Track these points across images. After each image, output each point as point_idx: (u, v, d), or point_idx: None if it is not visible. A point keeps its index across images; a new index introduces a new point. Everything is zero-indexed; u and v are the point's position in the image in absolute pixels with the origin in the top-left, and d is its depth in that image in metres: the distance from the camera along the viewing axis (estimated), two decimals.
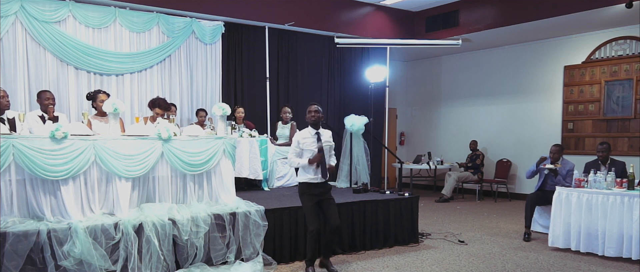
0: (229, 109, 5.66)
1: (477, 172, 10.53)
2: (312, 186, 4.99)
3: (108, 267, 4.41)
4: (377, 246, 6.18)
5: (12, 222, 4.27)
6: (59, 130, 4.48)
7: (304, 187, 5.02)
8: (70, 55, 7.28)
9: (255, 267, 5.00)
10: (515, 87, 10.58)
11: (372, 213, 6.18)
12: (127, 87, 7.82)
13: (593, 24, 8.75)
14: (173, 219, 4.77)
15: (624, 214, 5.61)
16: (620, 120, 8.93)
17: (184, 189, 5.26)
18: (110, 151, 4.74)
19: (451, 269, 5.30)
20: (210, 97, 8.55)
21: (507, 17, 9.03)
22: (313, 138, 4.99)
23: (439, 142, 12.21)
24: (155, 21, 7.94)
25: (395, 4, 9.93)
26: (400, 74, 12.55)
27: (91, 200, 4.72)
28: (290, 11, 8.96)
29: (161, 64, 8.12)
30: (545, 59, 10.06)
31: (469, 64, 11.48)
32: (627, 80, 8.84)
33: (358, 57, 10.47)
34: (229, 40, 8.80)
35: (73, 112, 7.36)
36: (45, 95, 5.87)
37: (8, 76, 6.84)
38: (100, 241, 4.40)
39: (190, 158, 5.18)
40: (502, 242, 6.58)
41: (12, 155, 4.30)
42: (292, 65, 9.63)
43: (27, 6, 6.93)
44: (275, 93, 9.40)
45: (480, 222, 8.00)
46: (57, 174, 4.46)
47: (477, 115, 11.39)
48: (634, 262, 5.55)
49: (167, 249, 4.68)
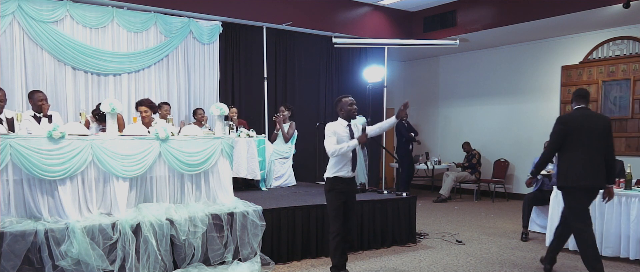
0: (227, 109, 5.65)
1: (474, 172, 10.54)
2: (341, 181, 4.63)
3: (105, 267, 4.40)
4: (375, 246, 6.18)
5: (9, 222, 4.26)
6: (56, 130, 4.47)
7: (333, 183, 4.65)
8: (67, 55, 7.27)
9: (253, 267, 5.00)
10: (513, 87, 10.60)
11: (370, 213, 6.18)
12: (124, 87, 7.81)
13: (590, 24, 8.77)
14: (171, 219, 4.77)
15: (622, 214, 5.62)
16: (617, 121, 8.94)
17: (182, 189, 5.26)
18: (108, 150, 4.73)
19: (449, 269, 5.31)
20: (207, 97, 8.55)
21: (505, 17, 9.04)
22: (345, 129, 4.71)
23: (436, 142, 12.23)
24: (153, 21, 7.93)
25: (393, 4, 9.94)
26: (398, 74, 12.56)
27: (89, 200, 4.72)
28: (288, 11, 8.95)
29: (159, 63, 8.12)
30: (542, 59, 10.08)
31: (466, 64, 11.50)
32: (625, 81, 8.86)
33: (356, 57, 10.47)
34: (226, 40, 8.80)
35: (70, 112, 7.34)
36: (38, 96, 5.87)
37: (5, 76, 6.83)
38: (97, 241, 4.39)
39: (187, 158, 5.17)
40: (499, 242, 6.58)
41: (9, 155, 4.28)
42: (289, 65, 9.63)
43: (24, 6, 6.92)
44: (273, 93, 9.40)
45: (478, 222, 8.00)
46: (54, 174, 4.45)
47: (474, 116, 11.40)
48: (631, 262, 5.56)
49: (164, 249, 4.67)
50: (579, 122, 4.73)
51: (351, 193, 4.75)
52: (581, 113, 4.80)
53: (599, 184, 4.75)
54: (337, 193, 4.63)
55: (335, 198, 4.63)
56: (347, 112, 4.72)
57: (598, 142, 4.69)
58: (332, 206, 4.64)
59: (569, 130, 4.73)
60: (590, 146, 4.69)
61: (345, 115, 4.74)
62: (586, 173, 4.67)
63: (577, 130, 4.71)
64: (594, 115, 4.88)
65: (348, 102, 4.74)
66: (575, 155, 4.71)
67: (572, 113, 4.87)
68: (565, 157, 4.78)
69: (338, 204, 4.62)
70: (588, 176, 4.67)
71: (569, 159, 4.74)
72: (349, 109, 4.72)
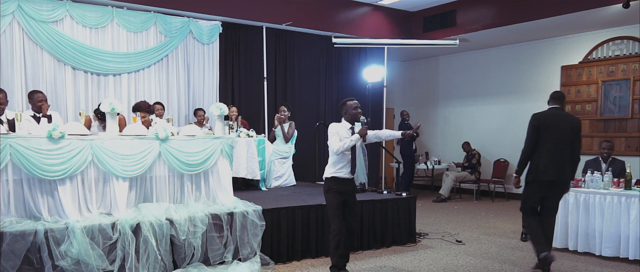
0: (227, 109, 5.65)
1: (474, 172, 10.54)
2: (339, 181, 4.65)
3: (105, 267, 4.40)
4: (375, 246, 6.18)
5: (9, 222, 4.25)
6: (56, 130, 4.47)
7: (331, 183, 4.68)
8: (67, 55, 7.27)
9: (253, 267, 5.00)
10: (513, 87, 10.60)
11: (370, 213, 6.18)
12: (124, 87, 7.81)
13: (590, 24, 8.77)
14: (170, 219, 4.77)
15: (621, 214, 5.63)
16: (617, 121, 8.95)
17: (182, 189, 5.26)
18: (108, 150, 4.73)
19: (448, 269, 5.31)
20: (207, 97, 8.54)
21: (505, 17, 9.04)
22: (348, 132, 4.73)
23: (436, 142, 12.23)
24: (153, 21, 7.93)
25: (393, 3, 9.94)
26: (397, 74, 12.55)
27: (88, 200, 4.71)
28: (288, 11, 8.95)
29: (158, 63, 8.11)
30: (542, 59, 10.07)
31: (466, 64, 11.49)
32: (624, 81, 8.86)
33: (355, 57, 10.47)
34: (226, 40, 8.79)
35: (70, 111, 7.34)
36: (38, 96, 5.87)
37: (5, 76, 6.83)
38: (97, 240, 4.39)
39: (187, 158, 5.17)
40: (499, 242, 6.59)
41: (9, 155, 4.28)
42: (289, 65, 9.63)
43: (24, 6, 6.92)
44: (273, 93, 9.40)
45: (478, 222, 8.01)
46: (54, 174, 4.45)
47: (474, 116, 11.40)
48: (631, 262, 5.56)
49: (164, 249, 4.67)
50: (549, 120, 5.09)
51: (350, 193, 4.75)
52: (553, 112, 5.17)
53: (562, 178, 5.06)
54: (335, 193, 4.65)
55: (334, 198, 4.65)
56: (352, 115, 4.77)
57: (566, 140, 5.04)
58: (331, 205, 4.66)
59: (540, 126, 5.08)
60: (557, 142, 5.02)
61: (350, 119, 4.78)
62: (550, 167, 5.00)
63: (547, 127, 5.06)
64: (565, 115, 5.23)
65: (353, 106, 4.78)
66: (542, 149, 5.04)
67: (545, 111, 5.23)
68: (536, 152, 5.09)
69: (337, 203, 4.63)
70: (551, 170, 5.00)
71: (538, 153, 5.07)
72: (354, 113, 4.77)
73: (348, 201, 4.72)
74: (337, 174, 4.66)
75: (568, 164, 5.07)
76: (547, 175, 5.01)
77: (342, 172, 4.66)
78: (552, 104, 5.24)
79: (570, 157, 5.07)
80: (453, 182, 10.43)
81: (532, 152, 5.14)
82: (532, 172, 5.13)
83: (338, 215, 4.63)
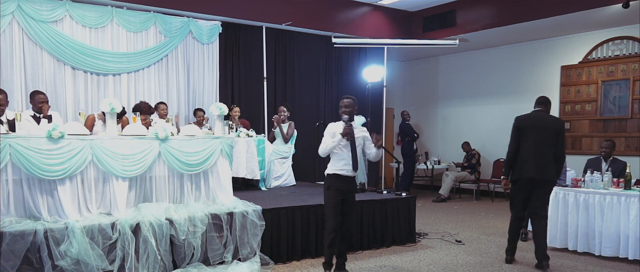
0: (227, 109, 5.65)
1: (474, 172, 10.54)
2: (340, 179, 4.61)
3: (105, 267, 4.40)
4: (375, 246, 6.18)
5: (8, 222, 4.25)
6: (55, 130, 4.47)
7: (332, 180, 4.63)
8: (67, 55, 7.27)
9: (253, 267, 5.00)
10: (513, 87, 10.60)
11: (370, 213, 6.18)
12: (124, 87, 7.81)
13: (590, 24, 8.77)
14: (170, 218, 4.77)
15: (621, 214, 5.62)
16: (617, 120, 8.95)
17: (181, 188, 5.26)
18: (107, 150, 4.73)
19: (448, 269, 5.31)
20: (207, 97, 8.54)
21: (504, 17, 9.05)
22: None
23: (436, 142, 12.23)
24: (153, 21, 7.93)
25: (393, 3, 9.94)
26: (397, 74, 12.55)
27: (88, 200, 4.71)
28: (288, 11, 8.95)
29: (158, 63, 8.11)
30: (542, 59, 10.07)
31: (466, 64, 11.49)
32: (624, 80, 8.87)
33: (355, 57, 10.47)
34: (226, 40, 8.80)
35: (70, 111, 7.34)
36: (39, 97, 5.86)
37: (5, 76, 6.82)
38: (97, 240, 4.39)
39: (187, 158, 5.17)
40: (499, 242, 6.58)
41: (8, 155, 4.28)
42: (289, 65, 9.63)
43: (24, 6, 6.91)
44: (273, 93, 9.40)
45: (478, 222, 8.01)
46: (54, 174, 4.45)
47: (474, 115, 11.40)
48: (630, 262, 5.56)
49: (164, 249, 4.67)
50: (529, 122, 5.31)
51: (350, 192, 4.73)
52: (535, 114, 5.38)
53: (544, 176, 5.21)
54: (335, 191, 4.63)
55: (333, 195, 4.62)
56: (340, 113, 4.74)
57: (547, 140, 5.20)
58: (329, 203, 4.64)
59: (521, 127, 5.30)
60: (538, 142, 5.20)
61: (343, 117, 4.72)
62: (530, 165, 5.18)
63: (529, 128, 5.26)
64: (548, 117, 5.41)
65: (341, 104, 4.76)
66: (524, 149, 5.24)
67: (527, 113, 5.43)
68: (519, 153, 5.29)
69: (335, 201, 4.61)
70: (531, 167, 5.17)
71: (520, 153, 5.27)
72: (341, 112, 4.73)
73: (347, 199, 4.70)
74: (339, 171, 4.64)
75: (551, 164, 5.22)
76: (527, 172, 5.19)
77: (342, 169, 4.64)
78: (536, 107, 5.45)
79: (554, 157, 5.23)
80: (453, 182, 10.43)
81: (515, 153, 5.32)
82: (516, 171, 5.33)
83: (335, 213, 4.62)
